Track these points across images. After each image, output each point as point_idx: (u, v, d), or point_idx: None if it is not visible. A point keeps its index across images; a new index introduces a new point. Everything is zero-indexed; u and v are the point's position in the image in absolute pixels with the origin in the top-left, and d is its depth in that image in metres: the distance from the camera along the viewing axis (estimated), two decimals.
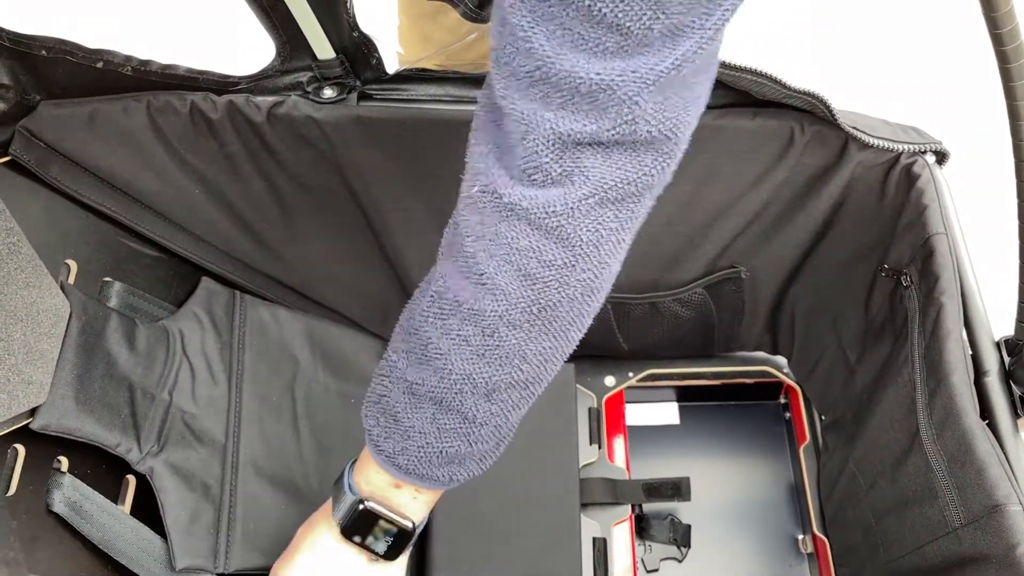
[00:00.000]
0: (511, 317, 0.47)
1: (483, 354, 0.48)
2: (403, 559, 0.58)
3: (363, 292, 0.88)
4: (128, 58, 0.64)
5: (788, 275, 0.84)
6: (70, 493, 0.58)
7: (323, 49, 0.65)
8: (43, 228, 0.62)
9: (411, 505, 0.55)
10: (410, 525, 0.55)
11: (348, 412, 0.82)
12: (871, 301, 0.76)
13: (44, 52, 0.61)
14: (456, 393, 0.49)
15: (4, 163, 0.64)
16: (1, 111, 0.63)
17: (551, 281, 0.45)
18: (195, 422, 0.70)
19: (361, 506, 0.54)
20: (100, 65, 0.63)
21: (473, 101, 0.66)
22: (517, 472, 0.85)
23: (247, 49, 0.73)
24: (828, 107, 0.65)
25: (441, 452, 0.51)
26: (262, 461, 0.72)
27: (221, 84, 0.67)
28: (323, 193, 0.75)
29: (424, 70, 0.70)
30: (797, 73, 0.65)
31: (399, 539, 0.56)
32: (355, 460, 0.56)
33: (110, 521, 0.61)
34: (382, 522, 0.55)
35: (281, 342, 0.80)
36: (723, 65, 0.62)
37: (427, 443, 0.51)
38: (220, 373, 0.74)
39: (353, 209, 0.77)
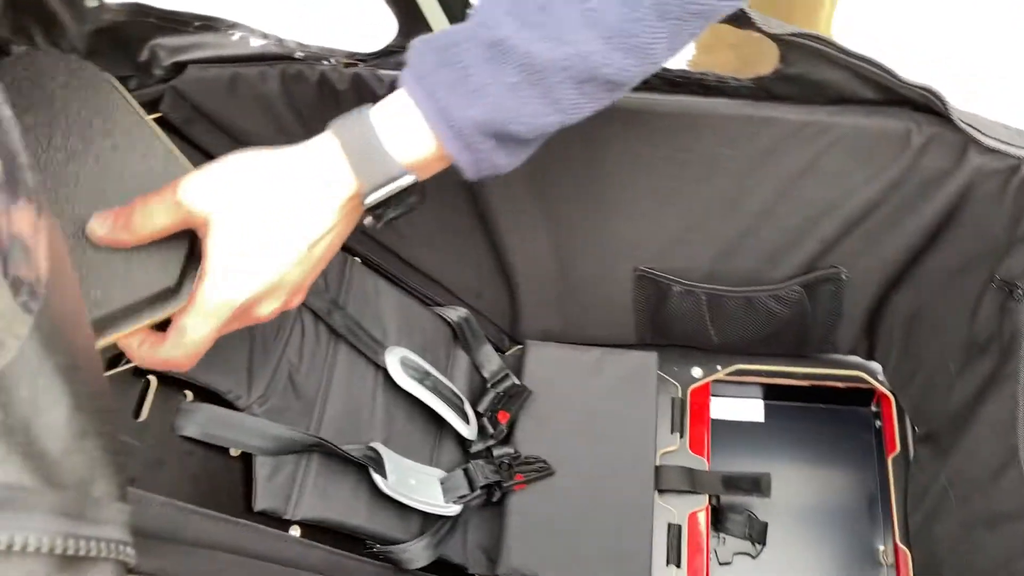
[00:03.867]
0: (666, 6, 0.42)
1: (610, 37, 0.43)
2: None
3: (461, 267, 0.91)
4: (265, 35, 0.69)
5: (892, 280, 0.82)
6: (199, 417, 0.64)
7: (440, 23, 0.68)
8: None
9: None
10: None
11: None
12: (978, 312, 0.74)
13: (190, 27, 0.66)
14: (557, 69, 0.44)
15: (155, 119, 0.69)
16: (159, 74, 0.68)
17: None
18: (297, 376, 0.75)
19: (407, 179, 0.48)
20: (236, 38, 0.68)
21: None
22: (594, 455, 0.87)
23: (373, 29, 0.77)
24: (943, 101, 0.64)
25: (505, 121, 0.45)
26: (340, 422, 0.77)
27: (349, 60, 0.71)
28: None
29: None
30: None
31: (410, 209, 0.50)
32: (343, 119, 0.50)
33: (240, 424, 0.67)
34: (415, 195, 0.49)
35: (376, 312, 0.85)
36: (835, 47, 0.61)
37: (496, 106, 0.45)
38: (324, 332, 0.79)
39: (461, 185, 0.80)
